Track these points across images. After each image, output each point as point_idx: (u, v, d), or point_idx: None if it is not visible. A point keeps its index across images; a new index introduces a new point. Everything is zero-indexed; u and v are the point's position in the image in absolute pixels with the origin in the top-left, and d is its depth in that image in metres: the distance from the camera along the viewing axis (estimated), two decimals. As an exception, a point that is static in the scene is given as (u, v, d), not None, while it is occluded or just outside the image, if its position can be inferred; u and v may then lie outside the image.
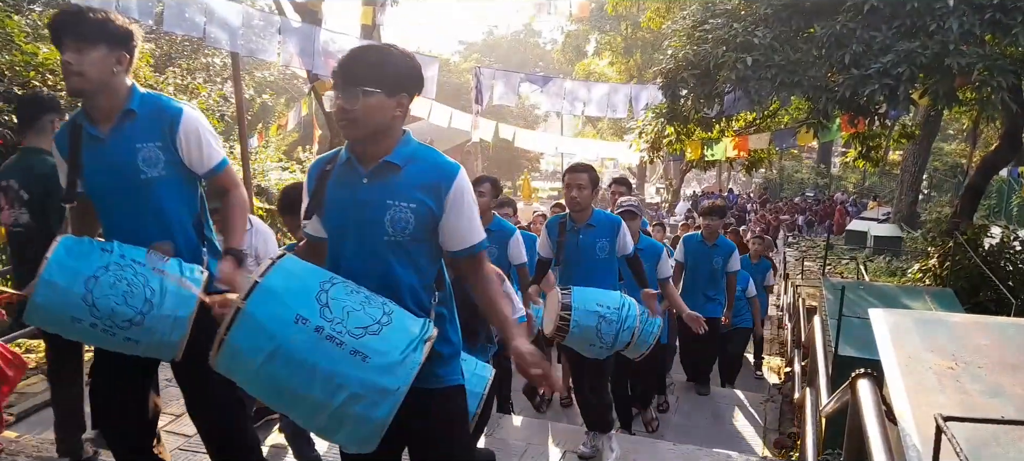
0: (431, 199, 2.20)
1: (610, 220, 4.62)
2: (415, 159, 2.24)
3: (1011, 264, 9.70)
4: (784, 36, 8.53)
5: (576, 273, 4.55)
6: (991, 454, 2.07)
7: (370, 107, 2.12)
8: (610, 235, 4.54)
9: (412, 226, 2.19)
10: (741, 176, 37.40)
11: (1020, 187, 18.35)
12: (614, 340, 4.24)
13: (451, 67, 37.05)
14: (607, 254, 4.53)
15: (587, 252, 4.52)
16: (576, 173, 4.44)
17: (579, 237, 4.53)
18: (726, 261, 6.68)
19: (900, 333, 2.74)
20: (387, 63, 2.17)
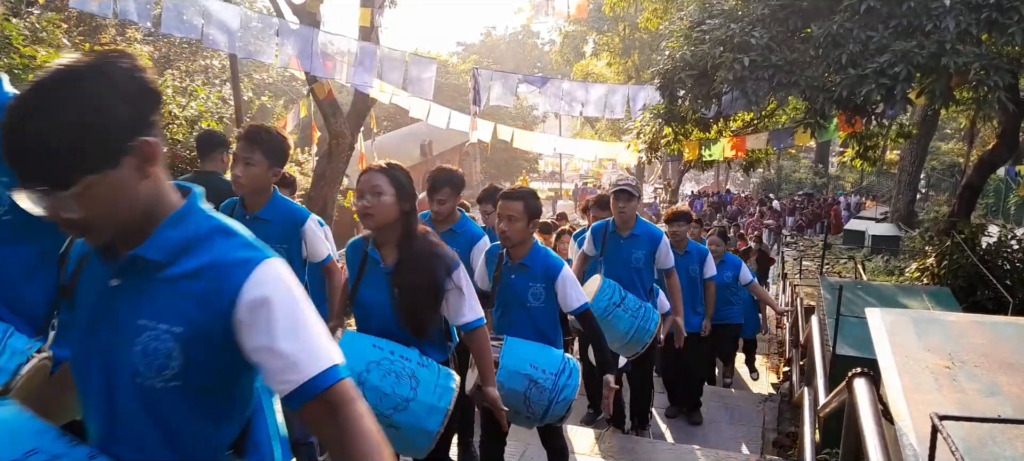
0: None
1: (551, 265, 3.61)
2: None
3: (1008, 263, 9.72)
4: (781, 36, 8.56)
5: (506, 319, 3.70)
6: (988, 453, 2.08)
7: None
8: (546, 281, 3.57)
9: None
10: (739, 176, 37.46)
11: (1017, 186, 18.39)
12: (545, 412, 3.38)
13: (449, 68, 37.07)
14: (542, 302, 3.59)
15: (517, 296, 3.62)
16: (508, 201, 3.51)
17: (512, 277, 3.62)
18: (701, 267, 6.14)
19: (897, 332, 2.76)
20: None
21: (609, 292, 4.54)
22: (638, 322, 4.53)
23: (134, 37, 13.60)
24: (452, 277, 2.75)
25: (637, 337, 4.55)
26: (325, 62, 11.18)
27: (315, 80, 12.21)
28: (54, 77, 1.23)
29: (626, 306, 4.53)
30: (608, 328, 4.21)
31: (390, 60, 11.34)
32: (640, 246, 4.76)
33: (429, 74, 11.26)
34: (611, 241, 4.87)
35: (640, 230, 4.81)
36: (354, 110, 14.26)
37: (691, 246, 6.15)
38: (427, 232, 2.86)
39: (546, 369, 3.37)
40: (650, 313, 4.67)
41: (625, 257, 4.79)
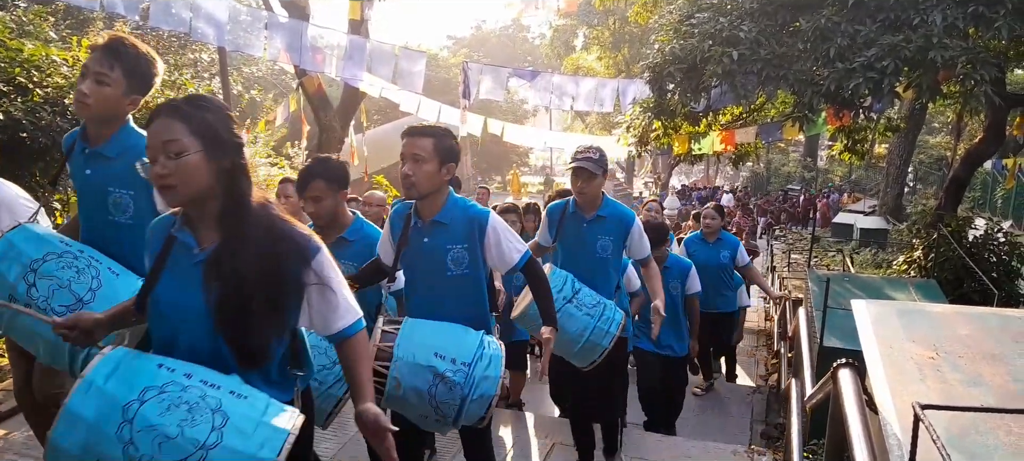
0: None
1: (474, 215, 2.91)
2: None
3: (994, 255, 9.81)
4: (770, 30, 8.59)
5: (415, 297, 3.01)
6: (971, 442, 2.11)
7: None
8: (470, 239, 2.88)
9: None
10: (729, 170, 37.57)
11: (1004, 179, 18.51)
12: (458, 413, 2.69)
13: (440, 62, 36.97)
14: (466, 268, 2.89)
15: (432, 264, 2.90)
16: (414, 138, 2.80)
17: (424, 241, 2.90)
18: (683, 284, 5.53)
19: (882, 323, 2.78)
20: None
21: (558, 283, 3.58)
22: (594, 322, 3.61)
23: (122, 30, 13.50)
24: (312, 266, 1.95)
25: (592, 340, 3.61)
26: (314, 55, 11.16)
27: (304, 74, 12.20)
28: None
29: (580, 302, 3.63)
30: None
31: (380, 53, 11.31)
32: (607, 230, 3.84)
33: (419, 67, 11.24)
34: (570, 224, 3.93)
35: (607, 211, 3.87)
36: (344, 104, 14.24)
37: (671, 260, 5.44)
38: (267, 203, 1.96)
39: (457, 358, 2.67)
40: (611, 312, 3.71)
41: (588, 244, 3.86)
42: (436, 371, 2.64)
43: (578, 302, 3.63)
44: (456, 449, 4.57)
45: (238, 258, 1.84)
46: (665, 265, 5.18)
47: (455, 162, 2.88)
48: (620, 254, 3.92)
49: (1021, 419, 2.15)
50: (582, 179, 3.79)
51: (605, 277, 3.91)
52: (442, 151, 2.80)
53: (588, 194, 3.82)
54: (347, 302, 2.04)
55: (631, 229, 3.87)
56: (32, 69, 6.79)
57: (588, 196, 3.83)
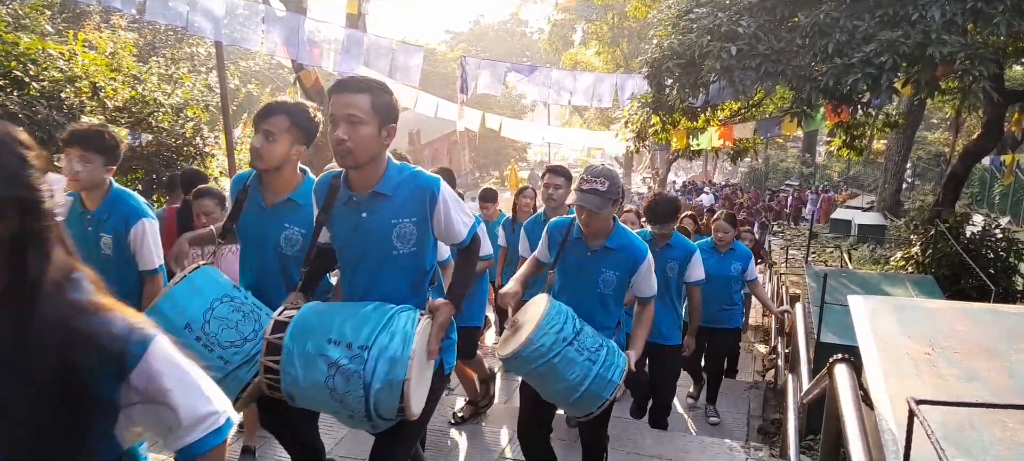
0: None
1: (422, 184, 2.50)
2: None
3: (992, 251, 9.83)
4: (768, 25, 8.59)
5: (352, 283, 2.61)
6: (966, 437, 2.11)
7: None
8: (418, 212, 2.48)
9: None
10: (727, 165, 37.59)
11: (1002, 175, 18.54)
12: (369, 408, 2.27)
13: (438, 57, 36.99)
14: (413, 246, 2.49)
15: (373, 245, 2.49)
16: (347, 95, 2.35)
17: (362, 216, 2.47)
18: (682, 268, 4.90)
19: (878, 319, 2.78)
20: None
21: (558, 322, 3.04)
22: (597, 368, 3.07)
23: (118, 24, 13.47)
24: (130, 382, 1.29)
25: (593, 390, 3.08)
26: (312, 50, 11.12)
27: (302, 68, 12.16)
28: None
29: (581, 345, 3.07)
30: (549, 377, 3.04)
31: (377, 48, 11.29)
32: (614, 264, 3.32)
33: (416, 62, 11.22)
34: (572, 251, 3.40)
35: (617, 243, 3.33)
36: (341, 98, 14.20)
37: (675, 239, 4.85)
38: (71, 283, 1.30)
39: (353, 341, 2.25)
40: (614, 357, 3.17)
41: (589, 277, 3.35)
42: (329, 359, 2.25)
43: (579, 345, 3.05)
44: (451, 444, 4.57)
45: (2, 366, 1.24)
46: (668, 243, 4.71)
47: (395, 122, 2.46)
48: (624, 290, 3.40)
49: (1016, 414, 2.15)
50: (586, 213, 3.22)
51: (605, 313, 3.38)
52: (382, 109, 2.36)
53: (593, 227, 3.29)
54: (193, 412, 1.39)
55: (640, 266, 3.31)
56: (28, 63, 6.78)
57: (593, 229, 3.30)
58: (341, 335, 2.27)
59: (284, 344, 2.31)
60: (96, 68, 7.60)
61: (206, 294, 2.61)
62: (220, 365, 2.53)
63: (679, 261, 4.79)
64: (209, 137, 11.47)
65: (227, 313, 2.62)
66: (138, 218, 3.25)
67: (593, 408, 3.12)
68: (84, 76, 7.34)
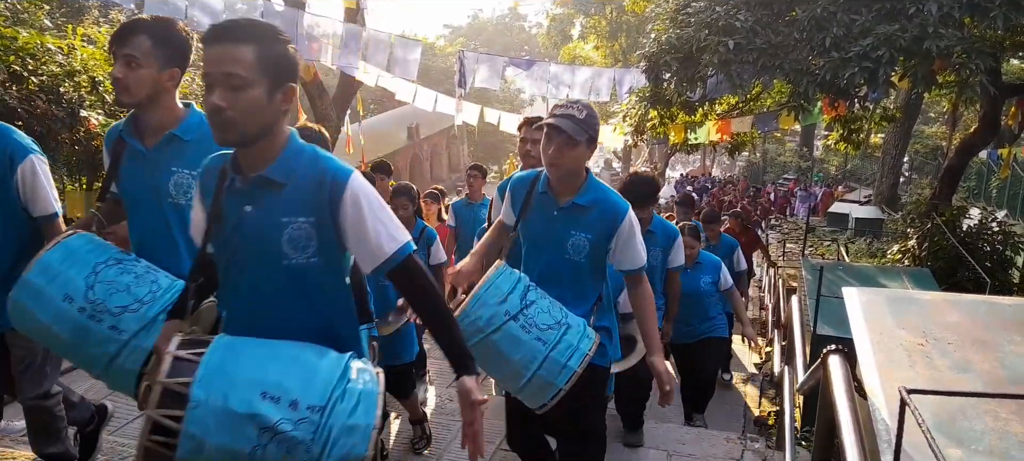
0: None
1: (331, 172, 1.86)
2: None
3: (988, 245, 9.87)
4: (766, 19, 8.60)
5: (232, 300, 1.99)
6: (958, 427, 2.14)
7: None
8: (317, 212, 1.84)
9: None
10: (725, 159, 37.59)
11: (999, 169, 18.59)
12: None
13: (436, 51, 36.94)
14: (311, 255, 1.86)
15: (260, 242, 1.84)
16: (223, 47, 1.71)
17: (247, 210, 1.87)
18: (665, 253, 4.52)
19: (872, 310, 2.81)
20: None
21: (502, 291, 2.58)
22: (548, 351, 2.52)
23: (117, 19, 13.44)
24: None
25: (542, 377, 2.53)
26: (310, 44, 11.14)
27: (300, 62, 12.15)
28: None
29: (530, 321, 2.55)
30: (490, 358, 2.57)
31: (376, 42, 11.30)
32: (586, 224, 2.73)
33: (414, 56, 11.24)
34: (538, 208, 2.83)
35: (590, 198, 2.75)
36: (340, 93, 14.21)
37: (655, 224, 4.42)
38: None
39: (299, 399, 1.66)
40: (575, 337, 2.60)
41: (556, 240, 2.77)
42: (263, 423, 1.62)
43: (527, 321, 2.54)
44: (452, 436, 4.60)
45: None
46: (649, 228, 4.24)
47: (294, 81, 1.85)
48: (601, 259, 2.80)
49: (1008, 404, 2.18)
50: (556, 144, 2.61)
51: (577, 288, 2.79)
52: (271, 66, 1.76)
53: (562, 167, 2.67)
54: None
55: (620, 226, 2.70)
56: (27, 57, 6.77)
57: (562, 171, 2.68)
58: (279, 388, 1.66)
59: (193, 394, 1.62)
60: (95, 62, 7.58)
61: (86, 258, 2.25)
62: (112, 336, 2.15)
63: (662, 248, 4.32)
64: (208, 131, 11.46)
65: (115, 275, 2.24)
66: (25, 155, 2.63)
67: (546, 399, 2.56)
68: (83, 70, 7.33)
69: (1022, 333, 2.67)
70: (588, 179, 2.78)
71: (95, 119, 7.18)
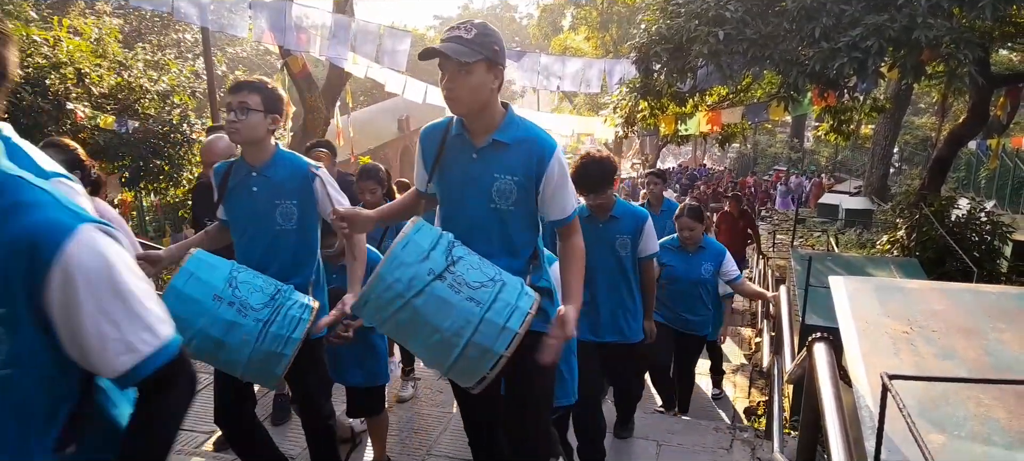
0: None
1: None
2: None
3: (977, 234, 9.92)
4: (755, 10, 8.58)
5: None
6: (941, 413, 2.15)
7: None
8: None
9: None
10: (716, 151, 37.68)
11: (988, 159, 18.69)
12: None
13: (427, 42, 36.76)
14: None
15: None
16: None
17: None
18: (635, 240, 4.00)
19: (858, 299, 2.82)
20: None
21: (421, 248, 2.21)
22: (483, 311, 2.16)
23: (104, 10, 13.36)
24: None
25: (480, 343, 2.15)
26: (299, 35, 11.06)
27: (289, 54, 12.10)
28: None
29: (459, 279, 2.18)
30: (415, 327, 2.19)
31: (364, 33, 11.25)
32: (511, 167, 2.35)
33: (404, 47, 11.19)
34: (452, 154, 2.45)
35: (512, 135, 2.37)
36: (329, 84, 14.16)
37: (619, 208, 3.93)
38: None
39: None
40: (511, 294, 2.22)
41: (479, 188, 2.38)
42: None
43: (454, 279, 2.18)
44: (442, 428, 4.60)
45: None
46: (612, 214, 3.84)
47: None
48: (530, 208, 2.42)
49: (991, 390, 2.19)
50: (448, 74, 2.24)
51: (508, 243, 2.43)
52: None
53: (461, 100, 2.26)
54: None
55: (549, 166, 2.33)
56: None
57: (463, 105, 2.28)
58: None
59: None
60: (81, 54, 7.54)
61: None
62: None
63: (630, 234, 3.88)
64: (196, 124, 11.41)
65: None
66: None
67: (485, 369, 2.17)
68: (69, 62, 7.29)
69: (1006, 320, 2.68)
70: (508, 114, 2.43)
71: (82, 111, 7.13)
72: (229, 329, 2.60)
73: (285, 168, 2.99)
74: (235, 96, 2.86)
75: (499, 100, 2.41)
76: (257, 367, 2.67)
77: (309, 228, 3.06)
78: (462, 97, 2.26)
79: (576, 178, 3.50)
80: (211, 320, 2.58)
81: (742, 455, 4.32)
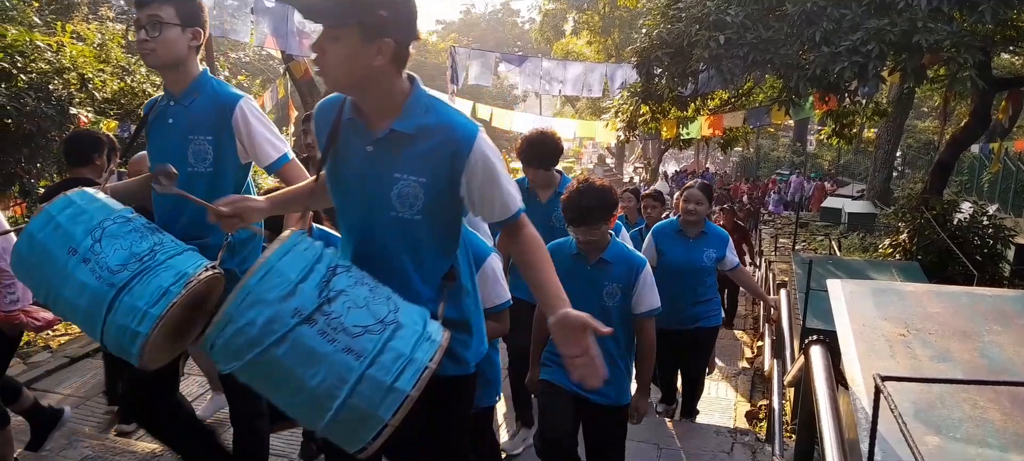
0: None
1: None
2: None
3: (979, 238, 9.92)
4: (756, 14, 8.62)
5: None
6: (937, 415, 2.16)
7: None
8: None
9: None
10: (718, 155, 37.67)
11: (990, 163, 18.68)
12: None
13: (429, 47, 36.89)
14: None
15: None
16: None
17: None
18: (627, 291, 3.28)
19: (855, 302, 2.83)
20: None
21: (289, 275, 1.70)
22: (364, 366, 1.65)
23: (107, 15, 13.44)
24: None
25: (360, 404, 1.65)
26: (302, 40, 11.11)
27: (292, 59, 12.16)
28: None
29: (335, 321, 1.67)
30: (274, 380, 1.71)
31: (367, 38, 11.30)
32: (417, 163, 1.82)
33: (406, 52, 11.24)
34: (348, 143, 1.89)
35: (421, 122, 1.83)
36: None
37: (615, 252, 3.13)
38: None
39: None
40: (408, 341, 1.71)
41: (376, 185, 1.85)
42: None
43: (329, 322, 1.66)
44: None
45: None
46: (602, 257, 3.07)
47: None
48: (449, 212, 1.91)
49: (985, 392, 2.20)
50: (318, 43, 1.77)
51: (415, 261, 1.89)
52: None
53: (331, 75, 1.79)
54: None
55: (469, 158, 1.79)
56: (16, 54, 6.76)
57: (333, 78, 1.80)
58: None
59: None
60: (84, 60, 7.58)
61: None
62: None
63: (622, 282, 3.05)
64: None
65: None
66: None
67: (366, 439, 1.67)
68: (72, 68, 7.33)
69: (1002, 323, 2.69)
70: (414, 92, 1.85)
71: (85, 116, 7.17)
72: (80, 291, 2.00)
73: (206, 97, 2.48)
74: (144, 9, 2.35)
75: (403, 75, 1.83)
76: (113, 343, 2.04)
77: (227, 173, 2.49)
78: (328, 70, 1.77)
79: (567, 206, 2.94)
80: (61, 278, 2.02)
81: (743, 459, 4.33)
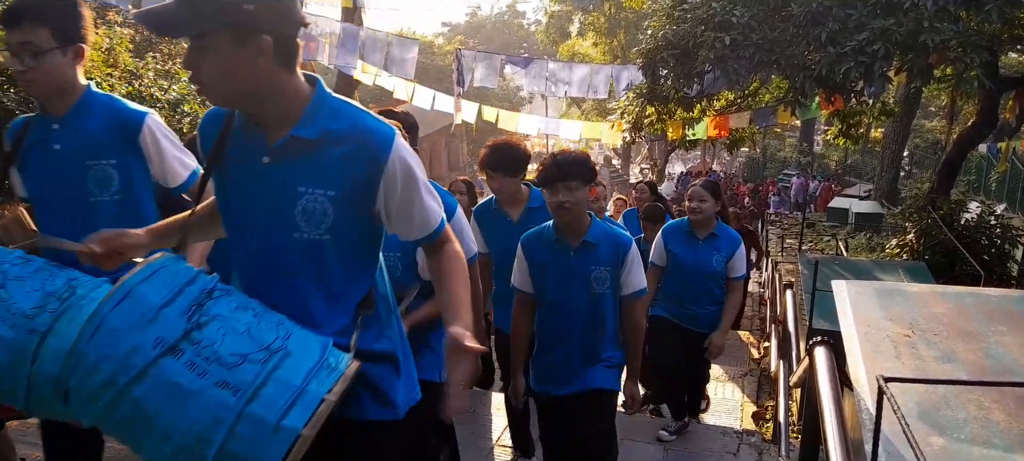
0: None
1: None
2: None
3: (986, 238, 9.88)
4: (761, 15, 8.62)
5: None
6: (941, 416, 2.16)
7: None
8: None
9: None
10: (725, 155, 37.59)
11: (998, 163, 18.60)
12: None
13: (434, 49, 36.96)
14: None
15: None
16: None
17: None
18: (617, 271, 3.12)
19: (860, 302, 2.83)
20: None
21: (152, 300, 1.42)
22: (242, 403, 1.37)
23: (114, 20, 13.48)
24: None
25: (239, 449, 1.37)
26: (308, 44, 11.15)
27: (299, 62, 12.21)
28: None
29: (206, 350, 1.39)
30: (133, 426, 1.40)
31: (373, 41, 11.34)
32: (324, 174, 1.58)
33: (411, 55, 11.27)
34: (237, 155, 1.65)
35: (325, 126, 1.62)
36: (338, 92, 14.23)
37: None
38: None
39: None
40: (299, 370, 1.44)
41: (275, 202, 1.59)
42: None
43: (199, 352, 1.40)
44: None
45: None
46: (585, 239, 2.86)
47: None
48: (365, 228, 1.68)
49: (991, 392, 2.19)
50: (189, 51, 1.55)
51: (323, 286, 1.64)
52: None
53: (210, 89, 1.56)
54: None
55: (384, 171, 1.61)
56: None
57: (214, 92, 1.58)
58: None
59: None
60: (92, 64, 7.61)
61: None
62: None
63: (609, 265, 2.88)
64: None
65: None
66: None
67: None
68: (80, 72, 7.38)
69: (1008, 323, 2.68)
70: (317, 95, 1.67)
71: (93, 120, 7.21)
72: None
73: (99, 115, 2.21)
74: (13, 33, 2.04)
75: (299, 76, 1.66)
76: (36, 402, 1.59)
77: (136, 201, 2.26)
78: (208, 87, 1.54)
79: (543, 170, 2.80)
80: None
81: (749, 460, 4.33)
